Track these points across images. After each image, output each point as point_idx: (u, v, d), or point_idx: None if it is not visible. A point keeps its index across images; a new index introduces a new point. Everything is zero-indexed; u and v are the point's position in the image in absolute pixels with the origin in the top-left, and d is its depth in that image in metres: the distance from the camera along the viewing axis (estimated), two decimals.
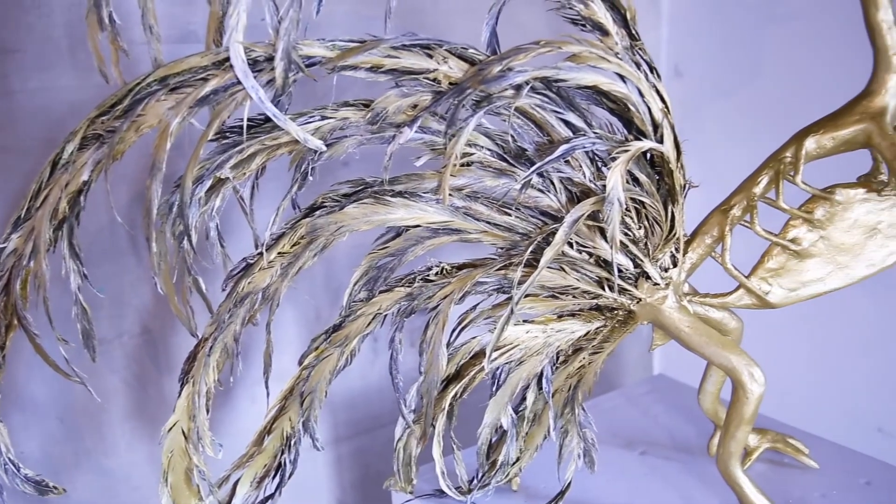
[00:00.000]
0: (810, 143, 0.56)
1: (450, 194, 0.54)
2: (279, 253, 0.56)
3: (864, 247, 0.58)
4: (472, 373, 0.61)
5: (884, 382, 0.95)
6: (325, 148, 0.51)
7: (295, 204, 0.56)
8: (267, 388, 0.59)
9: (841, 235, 0.58)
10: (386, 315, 0.58)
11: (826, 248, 0.58)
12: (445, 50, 0.50)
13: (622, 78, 0.51)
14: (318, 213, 0.55)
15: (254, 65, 0.47)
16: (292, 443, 0.59)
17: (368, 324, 0.58)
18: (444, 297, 0.57)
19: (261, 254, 0.55)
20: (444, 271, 0.58)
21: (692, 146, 1.09)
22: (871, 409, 0.97)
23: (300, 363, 0.60)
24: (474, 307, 0.59)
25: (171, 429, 0.56)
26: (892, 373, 0.94)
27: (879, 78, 0.54)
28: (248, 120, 0.49)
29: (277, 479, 0.59)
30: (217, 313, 0.56)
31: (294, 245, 0.56)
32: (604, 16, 0.51)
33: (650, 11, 1.10)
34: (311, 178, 0.53)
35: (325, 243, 0.55)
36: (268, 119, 0.48)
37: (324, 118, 0.52)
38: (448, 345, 0.57)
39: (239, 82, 0.46)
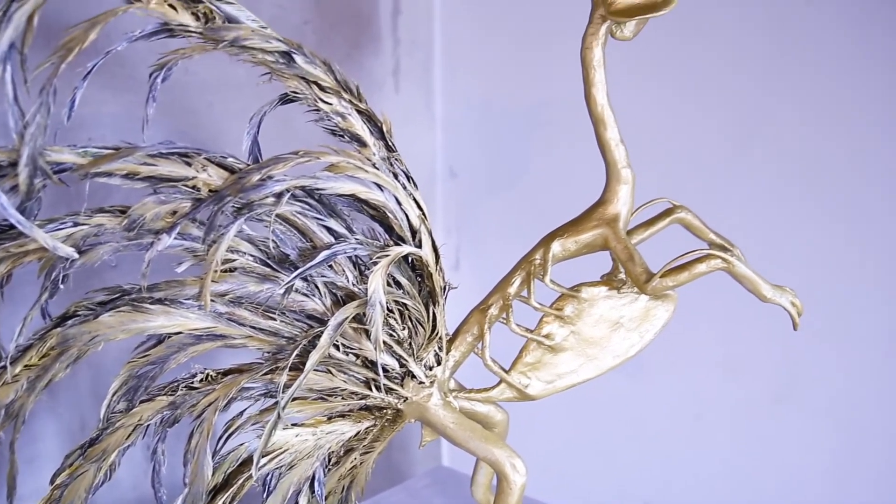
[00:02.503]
0: (556, 246, 0.61)
1: (212, 300, 0.54)
2: (26, 366, 0.52)
3: (610, 339, 0.63)
4: (241, 480, 0.59)
5: (647, 457, 1.02)
6: (76, 256, 0.49)
7: (45, 313, 0.53)
8: None
9: (589, 330, 0.63)
10: (148, 426, 0.56)
11: (577, 341, 0.63)
12: (205, 158, 0.50)
13: (380, 186, 0.54)
14: (70, 322, 0.52)
15: None
16: None
17: (128, 436, 0.56)
18: (209, 405, 0.55)
19: (4, 367, 0.51)
20: (209, 378, 0.56)
21: (468, 242, 1.15)
22: (638, 483, 1.04)
23: (52, 482, 0.56)
24: (241, 413, 0.58)
25: None
26: (654, 447, 1.02)
27: (611, 188, 0.60)
28: None
29: None
30: None
31: (43, 357, 0.52)
32: (361, 128, 0.53)
33: (426, 117, 1.16)
34: (62, 286, 0.51)
35: (77, 354, 0.53)
36: (13, 225, 0.46)
37: (77, 224, 0.50)
38: (214, 453, 0.56)
39: None
